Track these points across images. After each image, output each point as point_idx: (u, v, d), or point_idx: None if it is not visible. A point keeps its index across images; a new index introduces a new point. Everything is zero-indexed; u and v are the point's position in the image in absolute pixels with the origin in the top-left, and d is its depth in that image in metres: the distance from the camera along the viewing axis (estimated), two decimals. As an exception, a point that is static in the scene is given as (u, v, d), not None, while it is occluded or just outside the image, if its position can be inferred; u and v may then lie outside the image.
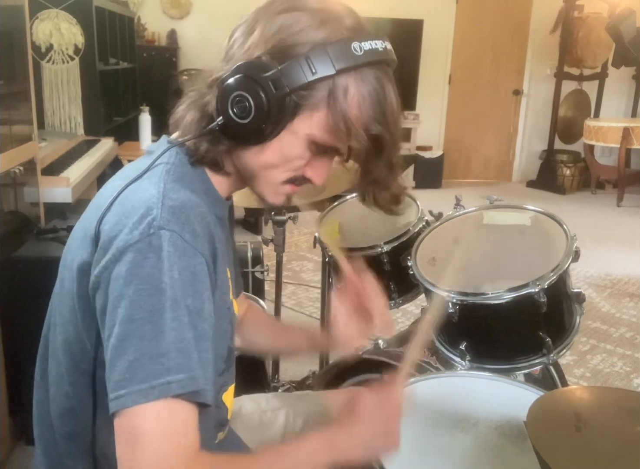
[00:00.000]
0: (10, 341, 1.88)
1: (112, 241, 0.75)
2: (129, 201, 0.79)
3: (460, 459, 0.97)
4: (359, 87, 0.80)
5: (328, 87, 0.79)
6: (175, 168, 0.84)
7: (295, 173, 0.87)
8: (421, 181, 6.11)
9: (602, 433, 0.80)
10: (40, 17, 3.25)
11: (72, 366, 0.85)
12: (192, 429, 0.74)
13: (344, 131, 0.81)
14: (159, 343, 0.72)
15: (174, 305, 0.73)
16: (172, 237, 0.74)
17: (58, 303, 0.88)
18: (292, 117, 0.81)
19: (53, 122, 3.39)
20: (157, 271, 0.73)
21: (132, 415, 0.71)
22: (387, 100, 0.82)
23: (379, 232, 1.68)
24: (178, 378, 0.71)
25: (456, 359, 1.42)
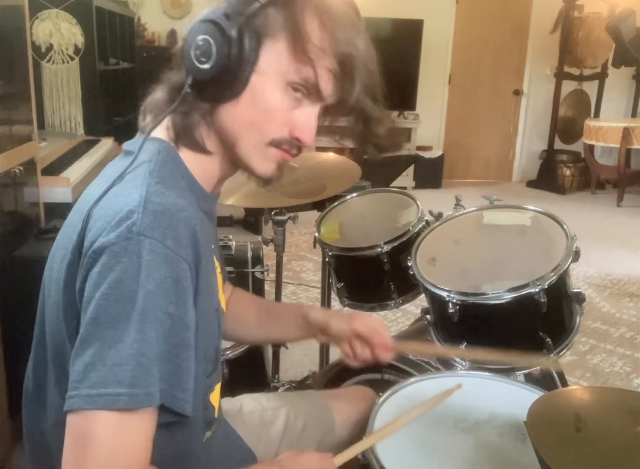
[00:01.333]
0: (11, 341, 1.88)
1: (92, 245, 0.74)
2: (110, 205, 0.76)
3: (460, 459, 0.97)
4: (318, 10, 0.77)
5: (284, 11, 0.77)
6: (158, 167, 0.80)
7: (280, 132, 0.82)
8: (421, 181, 6.11)
9: (602, 433, 0.80)
10: (40, 17, 3.25)
11: (61, 376, 0.83)
12: (143, 443, 0.72)
13: (309, 56, 0.77)
14: (117, 352, 0.69)
15: (142, 317, 0.70)
16: (152, 244, 0.71)
17: (48, 313, 0.85)
18: (256, 53, 0.77)
19: (53, 122, 3.39)
20: (130, 278, 0.70)
21: (83, 418, 0.70)
22: (352, 24, 0.79)
23: (379, 232, 1.68)
24: (132, 392, 0.69)
25: (456, 359, 1.42)
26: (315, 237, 1.80)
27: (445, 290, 1.36)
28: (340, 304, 1.82)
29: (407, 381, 1.19)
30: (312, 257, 4.02)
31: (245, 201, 1.77)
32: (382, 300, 1.72)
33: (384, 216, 1.81)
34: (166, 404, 0.72)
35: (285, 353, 2.08)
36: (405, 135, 6.10)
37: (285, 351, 1.96)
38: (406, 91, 6.05)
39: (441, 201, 1.82)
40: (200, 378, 0.83)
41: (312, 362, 2.30)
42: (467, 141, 6.73)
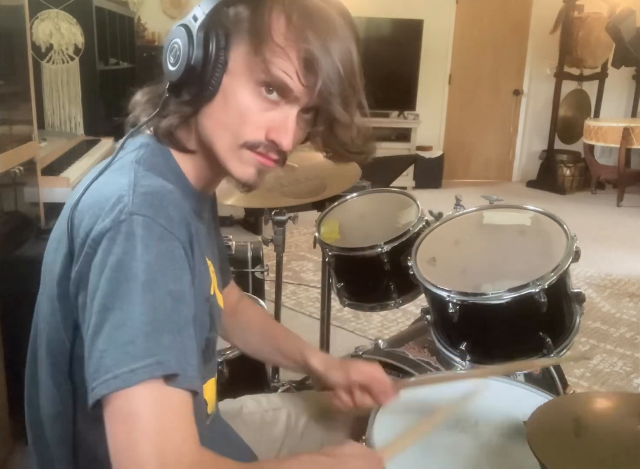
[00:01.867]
0: (11, 340, 1.88)
1: (88, 234, 0.73)
2: (99, 193, 0.77)
3: (460, 460, 0.97)
4: (285, 7, 0.77)
5: (250, 8, 0.78)
6: (146, 157, 0.82)
7: (255, 135, 0.81)
8: (421, 181, 6.11)
9: (601, 439, 0.80)
10: (40, 17, 3.25)
11: (56, 370, 0.83)
12: (188, 420, 0.71)
13: (272, 52, 0.76)
14: (127, 330, 0.69)
15: (147, 288, 0.70)
16: (145, 221, 0.72)
17: (42, 307, 0.86)
18: (225, 54, 0.78)
19: (53, 122, 3.39)
20: (128, 257, 0.70)
21: (121, 400, 0.68)
22: (326, 19, 0.78)
23: (379, 232, 1.68)
24: (145, 363, 0.68)
25: (456, 359, 1.42)
26: (315, 237, 1.80)
27: (445, 290, 1.36)
28: (340, 304, 1.82)
29: (407, 382, 1.19)
30: (312, 257, 4.02)
31: (245, 201, 1.77)
32: (382, 300, 1.72)
33: (384, 216, 1.81)
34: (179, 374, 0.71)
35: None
36: (405, 135, 6.10)
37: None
38: (406, 91, 6.06)
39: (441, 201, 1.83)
40: None
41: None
42: (467, 141, 6.73)
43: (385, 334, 2.98)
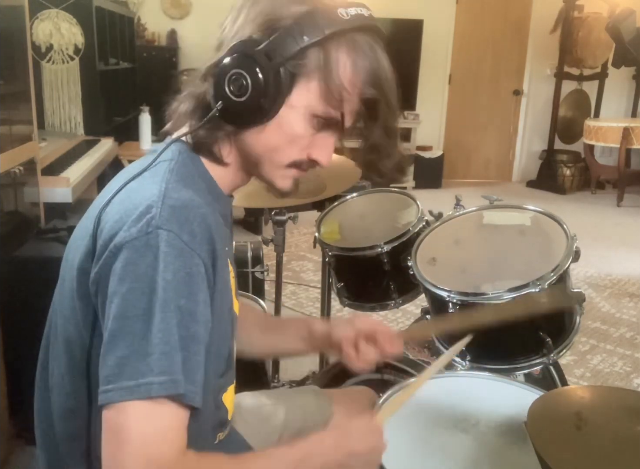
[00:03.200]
0: (11, 341, 1.88)
1: (112, 238, 0.76)
2: (129, 199, 0.79)
3: (460, 459, 0.97)
4: (350, 52, 0.81)
5: (319, 54, 0.80)
6: (178, 167, 0.84)
7: (300, 155, 0.87)
8: (421, 181, 6.11)
9: (602, 433, 0.80)
10: (40, 17, 3.25)
11: (72, 366, 0.85)
12: (177, 431, 0.74)
13: (339, 97, 0.81)
14: (148, 343, 0.72)
15: (164, 306, 0.73)
16: (169, 237, 0.74)
17: (59, 303, 0.88)
18: (289, 89, 0.81)
19: (53, 122, 3.39)
20: (152, 270, 0.73)
21: (119, 412, 0.71)
22: (380, 65, 0.83)
23: (379, 232, 1.68)
24: (160, 380, 0.72)
25: (456, 359, 1.42)
26: (315, 237, 1.80)
27: (445, 290, 1.36)
28: (340, 304, 1.82)
29: (407, 381, 1.19)
30: (312, 257, 4.02)
31: (245, 201, 1.77)
32: (382, 300, 1.72)
33: (384, 216, 1.81)
34: (184, 393, 0.74)
35: (285, 352, 2.08)
36: (405, 135, 6.09)
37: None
38: (406, 91, 5.94)
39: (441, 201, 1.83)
40: (211, 377, 0.85)
41: (312, 362, 2.30)
42: (467, 141, 6.73)
43: (385, 334, 2.97)
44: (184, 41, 5.61)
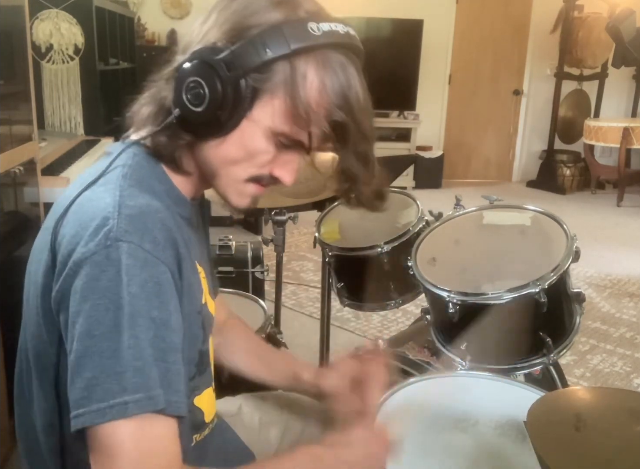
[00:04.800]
0: (10, 340, 1.88)
1: (70, 254, 0.72)
2: (83, 210, 0.76)
3: (460, 459, 0.97)
4: (319, 70, 0.76)
5: (285, 70, 0.75)
6: (132, 171, 0.80)
7: (260, 171, 0.82)
8: (421, 181, 6.11)
9: (602, 434, 0.80)
10: (40, 17, 3.25)
11: (44, 381, 0.82)
12: (170, 443, 0.72)
13: (304, 118, 0.76)
14: (117, 361, 0.69)
15: (131, 321, 0.70)
16: (130, 248, 0.71)
17: (27, 318, 0.85)
18: (250, 104, 0.76)
19: (53, 122, 3.39)
20: (115, 285, 0.70)
21: (104, 431, 0.69)
22: (351, 86, 0.77)
23: (379, 232, 1.68)
24: (135, 398, 0.69)
25: (456, 359, 1.42)
26: (315, 237, 1.80)
27: (445, 290, 1.36)
28: (340, 304, 1.82)
29: (407, 381, 1.19)
30: (312, 257, 4.02)
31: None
32: (382, 300, 1.72)
33: (384, 216, 1.80)
34: (165, 409, 0.72)
35: (285, 353, 2.08)
36: (405, 135, 6.09)
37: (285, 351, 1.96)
38: (406, 91, 6.06)
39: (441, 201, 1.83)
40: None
41: (312, 362, 2.30)
42: (467, 141, 6.73)
43: (385, 334, 2.98)
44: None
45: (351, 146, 0.80)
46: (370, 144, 0.82)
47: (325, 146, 0.82)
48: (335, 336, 2.48)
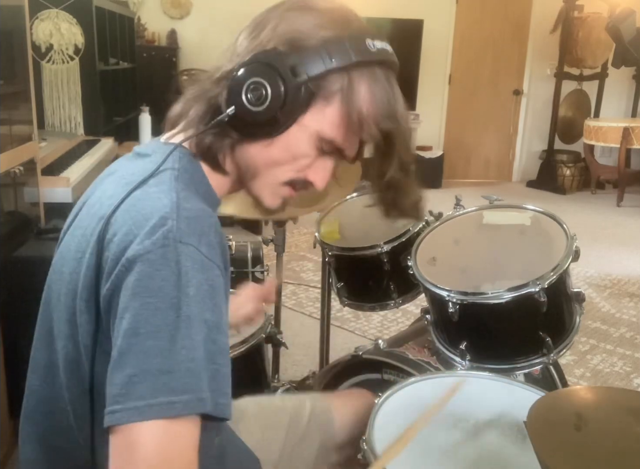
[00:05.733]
0: (10, 341, 1.88)
1: (123, 252, 0.72)
2: (137, 209, 0.75)
3: (461, 460, 0.97)
4: (371, 83, 0.81)
5: (343, 80, 0.80)
6: (182, 174, 0.81)
7: (298, 174, 0.86)
8: (421, 181, 6.08)
9: (602, 433, 0.80)
10: (40, 17, 3.25)
11: (73, 383, 0.82)
12: (192, 451, 0.71)
13: (356, 125, 0.81)
14: (165, 360, 0.68)
15: (187, 322, 0.70)
16: (189, 250, 0.72)
17: (57, 319, 0.84)
18: (305, 108, 0.80)
19: (53, 122, 3.39)
20: (170, 285, 0.70)
21: (130, 432, 0.68)
22: (397, 100, 0.84)
23: (379, 232, 1.68)
24: (184, 399, 0.68)
25: (456, 359, 1.42)
26: (315, 237, 1.80)
27: (445, 290, 1.36)
28: (340, 304, 1.82)
29: (407, 381, 1.19)
30: (312, 257, 4.02)
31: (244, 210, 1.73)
32: (382, 300, 1.72)
33: (384, 216, 1.80)
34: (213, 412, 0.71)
35: (285, 352, 2.08)
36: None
37: (285, 351, 1.95)
38: (406, 91, 5.89)
39: (441, 201, 1.82)
40: None
41: (312, 362, 2.30)
42: (467, 141, 6.73)
43: (385, 334, 2.98)
44: (184, 41, 5.61)
45: (396, 155, 0.85)
46: (412, 155, 0.89)
47: (361, 156, 0.88)
48: (335, 335, 2.48)
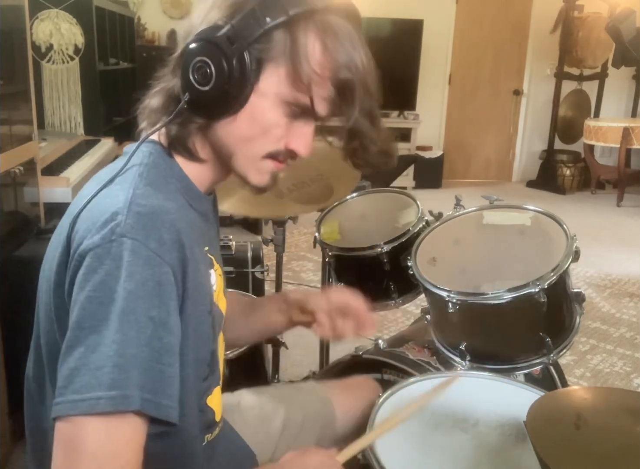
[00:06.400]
0: (10, 340, 1.88)
1: (78, 247, 0.74)
2: (98, 207, 0.77)
3: (460, 459, 0.97)
4: (320, 33, 0.77)
5: (286, 36, 0.76)
6: (148, 169, 0.81)
7: (277, 145, 0.83)
8: (421, 181, 6.11)
9: (602, 433, 0.80)
10: (40, 17, 3.25)
11: (54, 377, 0.81)
12: (134, 448, 0.71)
13: (308, 81, 0.77)
14: (100, 355, 0.69)
15: (122, 317, 0.70)
16: (134, 245, 0.71)
17: (41, 314, 0.85)
18: (256, 75, 0.77)
19: (53, 122, 3.39)
20: (111, 279, 0.70)
21: (71, 424, 0.69)
22: (354, 46, 0.79)
23: (379, 232, 1.68)
24: (109, 395, 0.68)
25: (456, 359, 1.42)
26: (315, 237, 1.80)
27: (445, 290, 1.36)
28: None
29: (407, 381, 1.19)
30: (312, 257, 4.02)
31: (245, 208, 1.74)
32: (382, 300, 1.71)
33: (384, 216, 1.81)
34: (150, 412, 0.71)
35: (285, 352, 2.08)
36: (405, 135, 6.09)
37: (285, 351, 1.96)
38: (406, 91, 6.05)
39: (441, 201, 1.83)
40: (193, 382, 0.83)
41: (312, 362, 2.30)
42: (467, 141, 6.73)
43: (385, 334, 2.98)
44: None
45: (358, 103, 0.80)
46: (375, 100, 0.83)
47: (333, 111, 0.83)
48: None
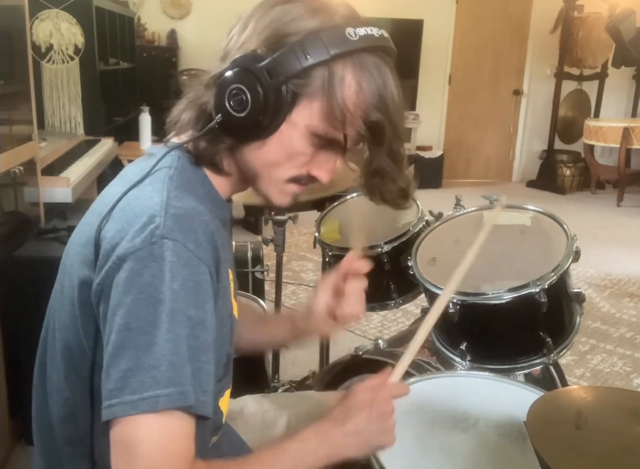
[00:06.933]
0: (11, 341, 1.88)
1: (114, 249, 0.75)
2: (131, 207, 0.78)
3: (460, 459, 0.97)
4: (356, 73, 0.79)
5: (324, 74, 0.78)
6: (178, 173, 0.83)
7: (300, 171, 0.86)
8: (421, 181, 5.99)
9: (602, 433, 0.80)
10: (40, 17, 3.25)
11: (71, 373, 0.84)
12: (187, 441, 0.74)
13: (341, 119, 0.79)
14: (153, 355, 0.71)
15: (171, 316, 0.72)
16: (175, 246, 0.74)
17: (58, 309, 0.87)
18: (290, 108, 0.79)
19: (53, 122, 3.39)
20: (157, 281, 0.72)
21: (127, 425, 0.71)
22: (387, 87, 0.81)
23: (379, 232, 1.68)
24: (167, 392, 0.71)
25: (456, 359, 1.42)
26: (315, 237, 1.80)
27: (445, 290, 1.36)
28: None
29: (407, 381, 1.19)
30: (312, 257, 4.02)
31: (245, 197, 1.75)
32: (382, 300, 1.72)
33: (384, 216, 1.81)
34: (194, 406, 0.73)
35: (285, 353, 2.08)
36: (405, 135, 6.08)
37: (285, 351, 1.96)
38: (406, 91, 6.02)
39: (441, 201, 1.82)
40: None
41: (312, 362, 2.30)
42: (467, 141, 6.73)
43: (385, 334, 2.98)
44: (184, 41, 5.61)
45: (385, 144, 0.84)
46: (402, 142, 0.87)
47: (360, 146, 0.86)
48: (335, 336, 2.48)
